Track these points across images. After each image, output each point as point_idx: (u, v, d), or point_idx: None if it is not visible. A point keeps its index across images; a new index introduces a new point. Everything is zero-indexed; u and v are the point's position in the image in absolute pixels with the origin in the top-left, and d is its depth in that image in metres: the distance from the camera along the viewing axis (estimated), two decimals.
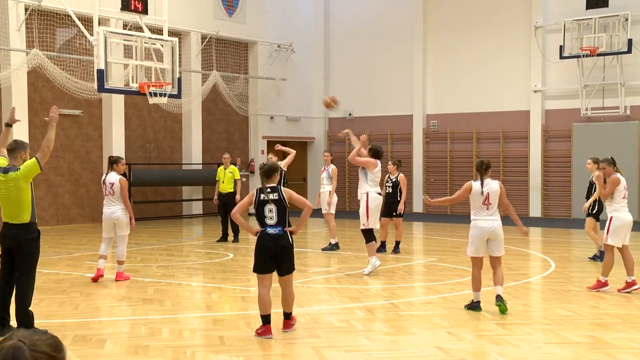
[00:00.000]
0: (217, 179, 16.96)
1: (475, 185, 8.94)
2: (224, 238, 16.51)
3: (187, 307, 9.55)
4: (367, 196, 11.91)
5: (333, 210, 15.17)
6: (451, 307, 9.28)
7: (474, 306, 8.98)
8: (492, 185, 8.92)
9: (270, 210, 7.58)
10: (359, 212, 12.07)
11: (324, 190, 15.34)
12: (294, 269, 7.79)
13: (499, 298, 8.86)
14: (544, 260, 13.83)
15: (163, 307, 9.37)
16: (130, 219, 11.32)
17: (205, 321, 8.52)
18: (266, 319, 7.64)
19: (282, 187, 7.77)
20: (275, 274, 7.78)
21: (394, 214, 14.55)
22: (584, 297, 9.99)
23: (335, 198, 15.25)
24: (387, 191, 14.57)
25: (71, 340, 7.51)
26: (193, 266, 13.26)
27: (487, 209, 8.85)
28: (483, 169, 8.97)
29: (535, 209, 23.90)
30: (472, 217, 9.02)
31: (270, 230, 7.57)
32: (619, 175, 10.35)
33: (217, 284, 11.05)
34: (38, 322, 7.86)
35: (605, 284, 10.35)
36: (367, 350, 7.16)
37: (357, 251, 14.67)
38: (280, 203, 7.62)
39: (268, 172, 7.80)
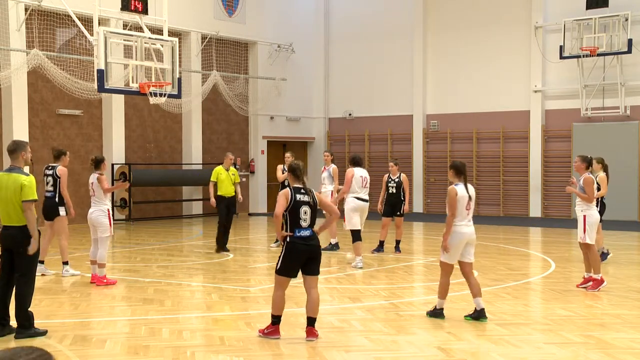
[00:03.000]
0: (214, 179, 15.02)
1: (460, 189, 8.45)
2: (223, 247, 14.79)
3: (187, 307, 9.55)
4: (344, 200, 13.29)
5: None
6: (451, 307, 9.27)
7: (438, 313, 8.57)
8: (472, 189, 8.60)
9: (306, 213, 7.52)
10: None
11: (325, 190, 15.31)
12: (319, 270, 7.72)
13: (483, 313, 8.41)
14: (544, 260, 13.83)
15: (163, 307, 9.37)
16: (109, 221, 11.03)
17: (205, 321, 8.52)
18: (278, 320, 7.63)
19: (314, 191, 7.74)
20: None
21: (398, 213, 14.56)
22: (584, 297, 9.99)
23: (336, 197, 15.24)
24: (390, 191, 14.59)
25: (71, 340, 7.52)
26: (193, 266, 13.26)
27: (468, 213, 8.48)
28: (466, 171, 8.59)
29: (535, 209, 23.91)
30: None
31: (303, 233, 7.49)
32: (591, 175, 10.72)
33: (217, 284, 11.05)
34: (38, 322, 7.87)
35: (602, 281, 10.47)
36: (367, 350, 7.16)
37: None
38: (314, 207, 7.58)
39: (302, 171, 7.70)
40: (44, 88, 20.09)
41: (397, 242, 14.65)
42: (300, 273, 7.67)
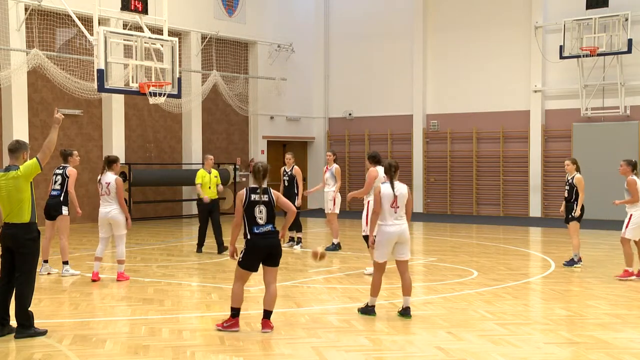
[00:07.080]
0: (199, 182, 14.54)
1: (385, 187, 8.64)
2: (201, 248, 14.84)
3: (187, 307, 9.55)
4: (368, 204, 11.69)
5: (337, 210, 15.15)
6: (451, 307, 9.29)
7: (369, 310, 8.73)
8: (402, 189, 8.69)
9: (261, 212, 7.89)
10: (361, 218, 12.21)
11: (328, 190, 15.30)
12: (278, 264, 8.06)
13: (407, 311, 8.61)
14: (544, 260, 13.84)
15: (163, 307, 9.37)
16: (127, 219, 11.33)
17: (205, 321, 8.52)
18: (237, 312, 7.93)
19: (271, 189, 8.03)
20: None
21: None
22: (584, 297, 10.00)
23: (339, 198, 15.23)
24: None
25: (71, 340, 7.52)
26: (193, 266, 13.26)
27: (395, 212, 8.61)
28: (392, 171, 8.70)
29: (535, 209, 23.90)
30: (379, 222, 8.68)
31: (262, 229, 7.88)
32: (635, 177, 11.86)
33: (217, 284, 11.05)
34: (38, 322, 7.87)
35: (632, 274, 11.42)
36: (367, 350, 7.16)
37: (357, 251, 14.67)
38: (270, 205, 7.93)
39: (264, 173, 8.00)
40: (44, 88, 20.08)
41: None
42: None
